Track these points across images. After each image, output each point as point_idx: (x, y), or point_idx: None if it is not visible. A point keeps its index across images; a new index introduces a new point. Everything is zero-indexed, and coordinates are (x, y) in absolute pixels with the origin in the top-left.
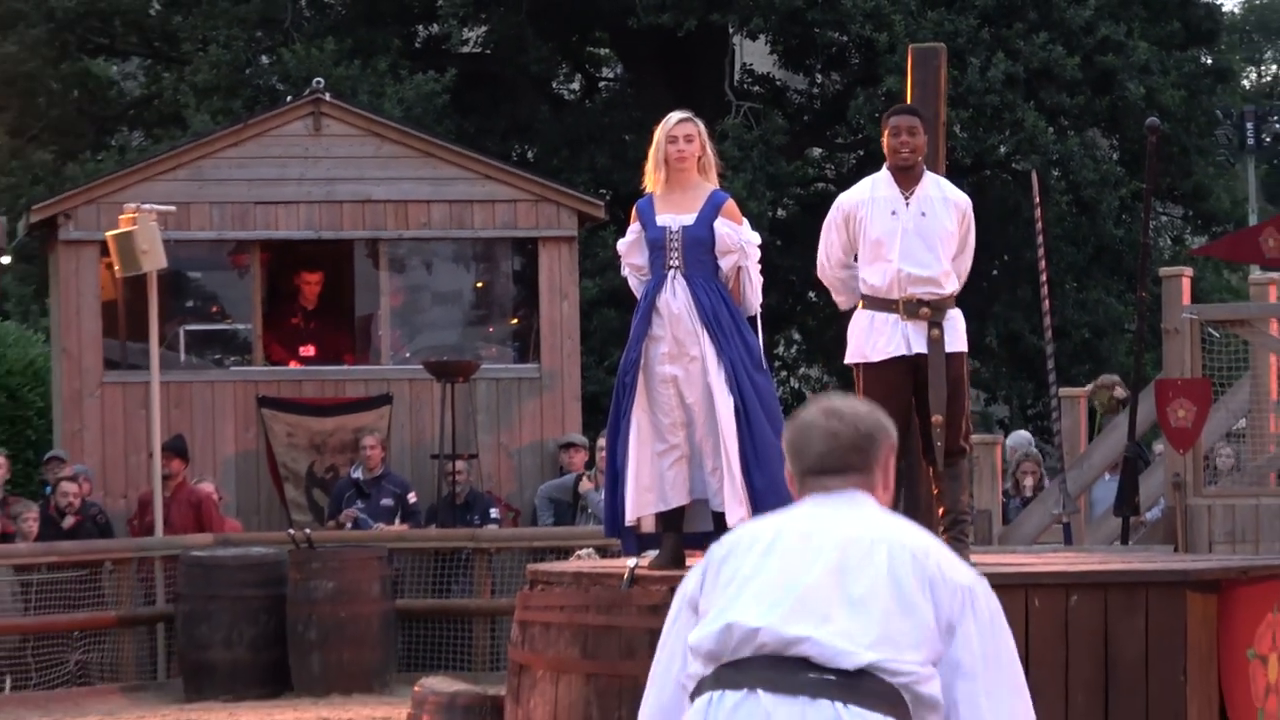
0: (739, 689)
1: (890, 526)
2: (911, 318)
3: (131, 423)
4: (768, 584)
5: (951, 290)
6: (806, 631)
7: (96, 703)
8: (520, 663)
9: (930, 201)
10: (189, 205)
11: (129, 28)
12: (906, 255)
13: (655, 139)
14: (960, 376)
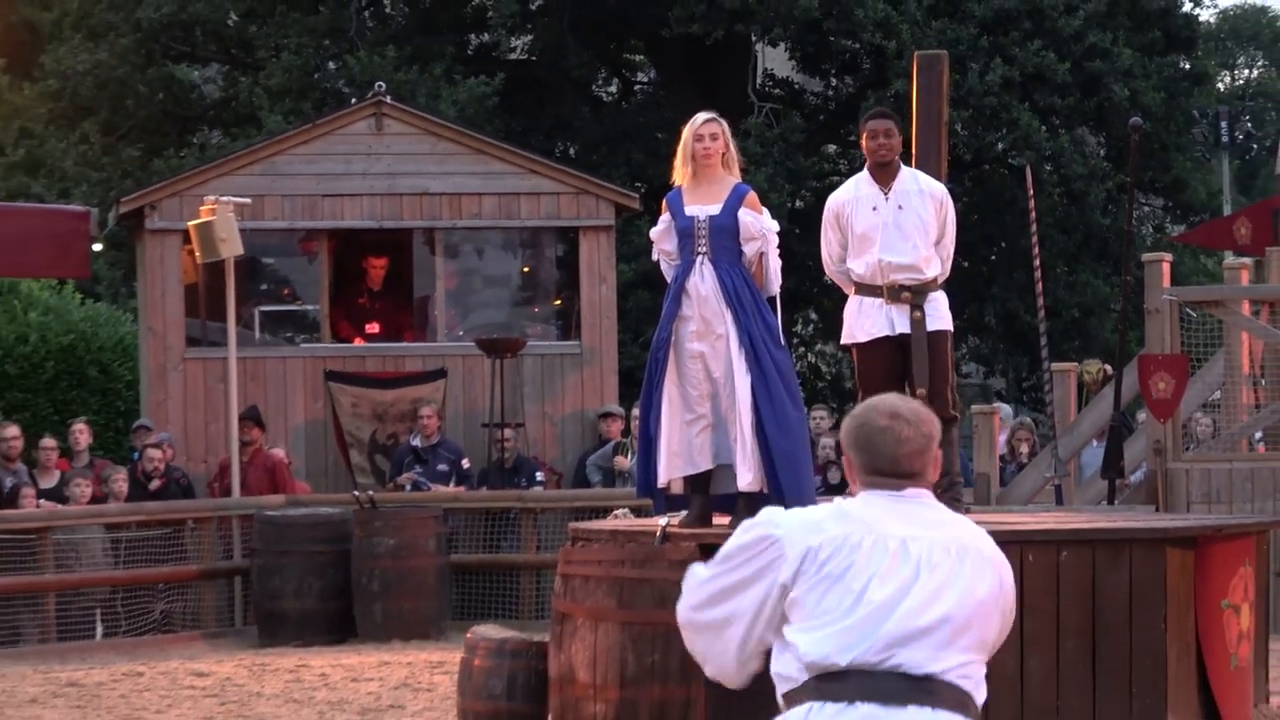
0: (838, 701)
1: (968, 535)
2: (895, 301)
3: (211, 395)
4: (872, 604)
5: (933, 274)
6: (903, 652)
7: (179, 648)
8: (562, 612)
9: (907, 195)
10: (263, 197)
11: (209, 37)
12: (887, 246)
13: (683, 137)
14: (943, 352)
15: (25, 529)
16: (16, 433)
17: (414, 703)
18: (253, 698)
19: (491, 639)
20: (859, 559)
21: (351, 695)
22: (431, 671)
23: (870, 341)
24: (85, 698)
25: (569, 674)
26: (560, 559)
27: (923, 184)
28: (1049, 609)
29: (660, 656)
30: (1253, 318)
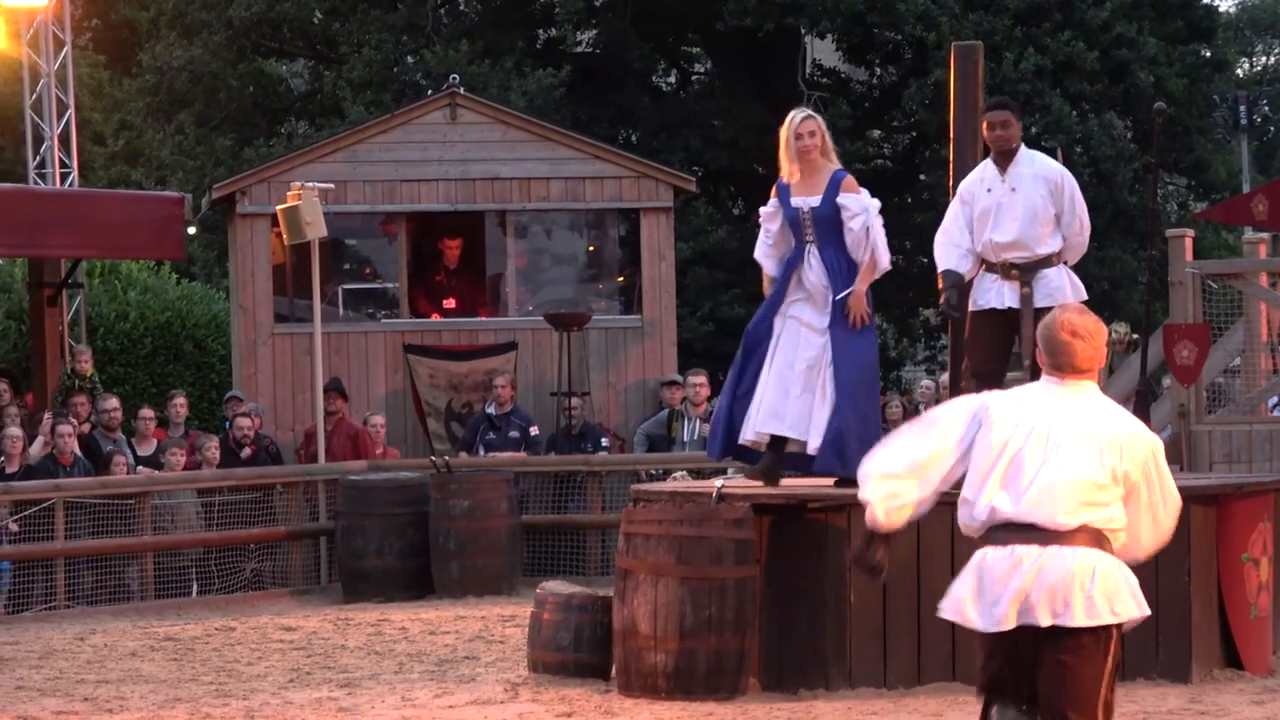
0: (1001, 546)
1: (1101, 420)
2: (1006, 278)
3: (298, 368)
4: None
5: (1047, 251)
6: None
7: (268, 604)
8: (625, 568)
9: (1021, 178)
10: (346, 183)
11: (295, 33)
12: (996, 226)
13: (783, 136)
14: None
15: (126, 494)
16: (116, 404)
17: (487, 654)
18: (337, 650)
19: (559, 594)
20: (1035, 440)
21: (429, 647)
22: (504, 625)
23: (980, 312)
24: (181, 651)
25: (631, 626)
26: (623, 519)
27: (1038, 167)
28: None
29: (716, 609)
30: (1270, 289)
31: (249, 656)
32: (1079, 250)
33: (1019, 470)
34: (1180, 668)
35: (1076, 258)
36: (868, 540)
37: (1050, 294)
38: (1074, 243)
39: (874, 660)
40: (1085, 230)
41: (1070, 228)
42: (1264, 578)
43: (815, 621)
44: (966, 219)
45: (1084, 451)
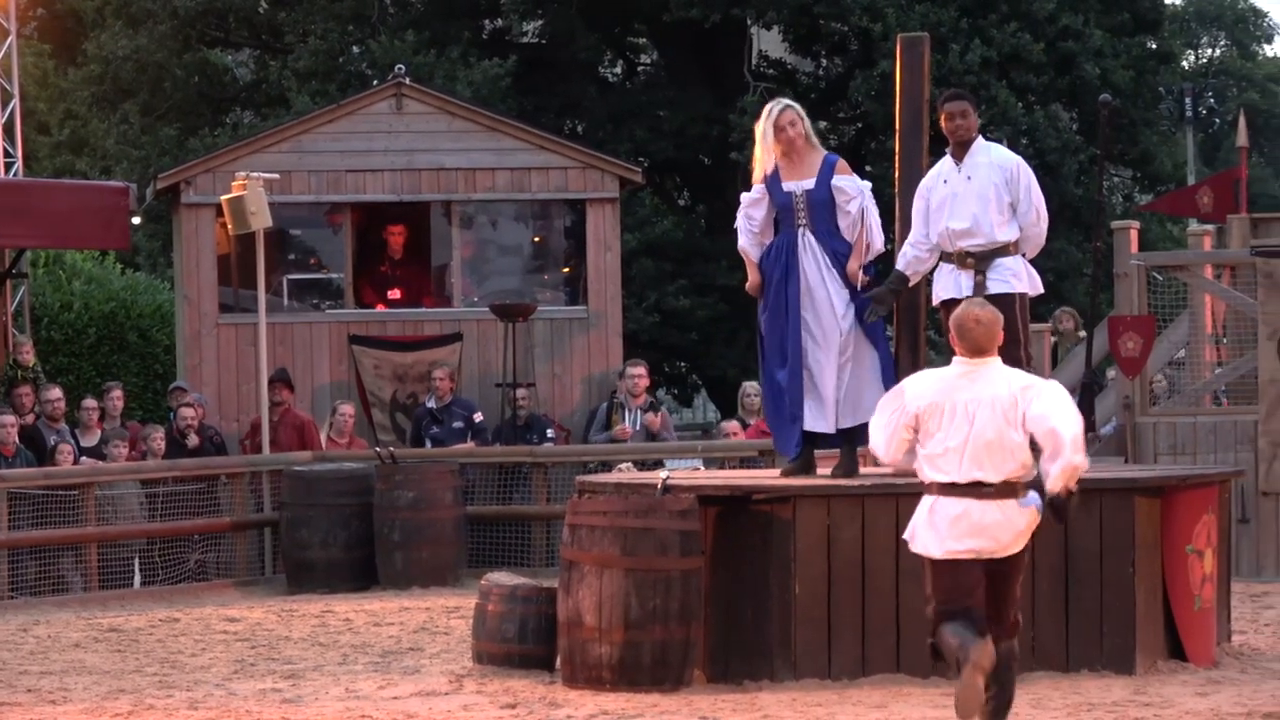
0: (951, 497)
1: (1012, 381)
2: (961, 266)
3: (242, 358)
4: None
5: (1003, 239)
6: (980, 472)
7: (213, 595)
8: (570, 560)
9: (977, 166)
10: (291, 173)
11: (241, 23)
12: (952, 214)
13: (761, 128)
14: (1005, 313)
15: (69, 484)
16: (60, 395)
17: (432, 645)
18: (281, 641)
19: (504, 585)
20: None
21: (373, 639)
22: (448, 616)
23: (942, 303)
24: (125, 642)
25: (576, 618)
26: (568, 510)
27: (994, 156)
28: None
29: (662, 600)
30: (1215, 281)
31: (193, 648)
32: (1036, 241)
33: (950, 437)
34: (1125, 659)
35: (1035, 249)
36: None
37: (1005, 280)
38: (1030, 233)
39: (819, 651)
40: (1042, 221)
41: (1026, 217)
42: (1208, 570)
43: (760, 613)
44: (923, 214)
45: (997, 420)
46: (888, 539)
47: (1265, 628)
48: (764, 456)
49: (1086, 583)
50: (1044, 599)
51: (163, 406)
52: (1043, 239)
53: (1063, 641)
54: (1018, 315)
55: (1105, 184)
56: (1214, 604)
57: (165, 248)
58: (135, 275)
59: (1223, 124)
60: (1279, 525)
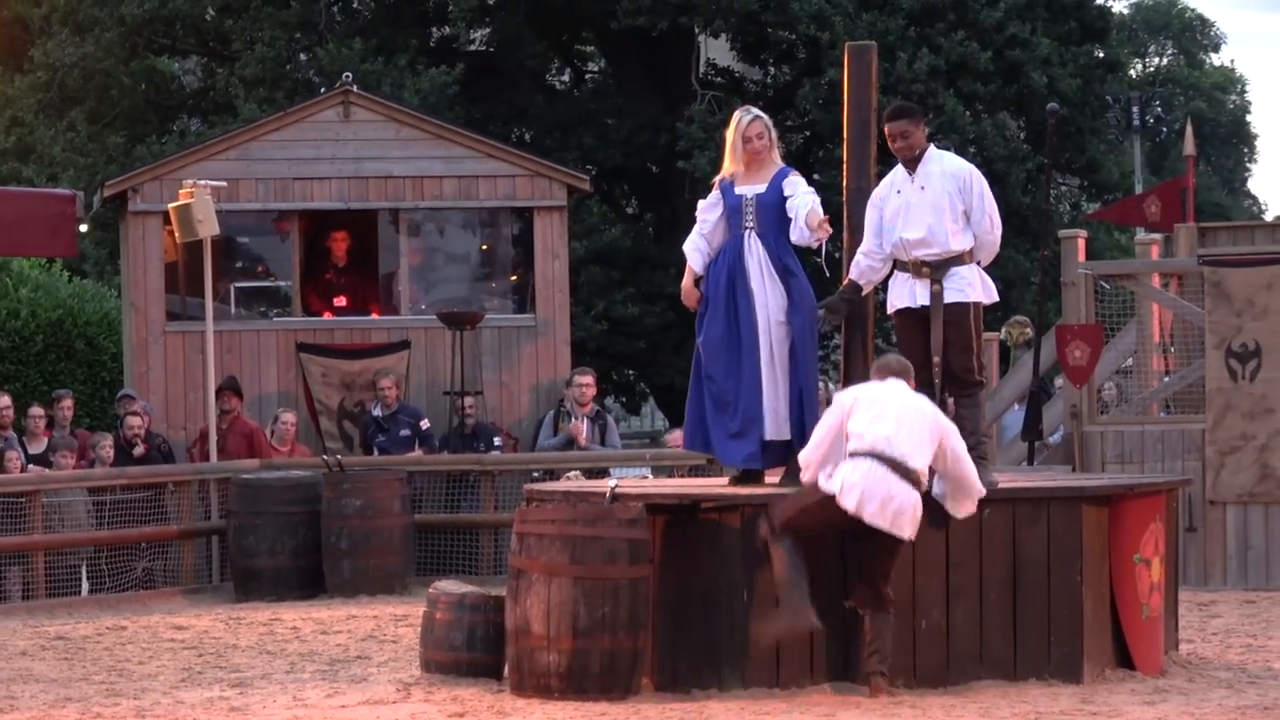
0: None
1: (919, 399)
2: (917, 276)
3: (190, 366)
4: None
5: (958, 248)
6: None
7: (160, 603)
8: (518, 568)
9: (929, 176)
10: (238, 181)
11: (188, 30)
12: (906, 224)
13: (730, 137)
14: (964, 322)
15: (16, 492)
16: (7, 402)
17: (379, 653)
18: (229, 649)
19: (452, 593)
20: (874, 410)
21: (321, 647)
22: (396, 624)
23: (897, 312)
24: (72, 650)
25: (525, 626)
26: (516, 518)
27: (947, 165)
28: (973, 563)
29: (610, 609)
30: (1163, 290)
31: (140, 656)
32: (990, 248)
33: (888, 424)
34: (1072, 668)
35: (989, 257)
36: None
37: (961, 289)
38: (985, 240)
39: (767, 660)
40: (996, 228)
41: (980, 225)
42: (1155, 578)
43: (709, 621)
44: (877, 225)
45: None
46: (835, 547)
47: (1213, 636)
48: (713, 465)
49: (1034, 591)
50: (992, 607)
51: (110, 414)
52: (997, 246)
53: (1010, 650)
54: (971, 324)
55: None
56: (1161, 613)
57: (112, 255)
58: (82, 283)
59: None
60: (1226, 534)
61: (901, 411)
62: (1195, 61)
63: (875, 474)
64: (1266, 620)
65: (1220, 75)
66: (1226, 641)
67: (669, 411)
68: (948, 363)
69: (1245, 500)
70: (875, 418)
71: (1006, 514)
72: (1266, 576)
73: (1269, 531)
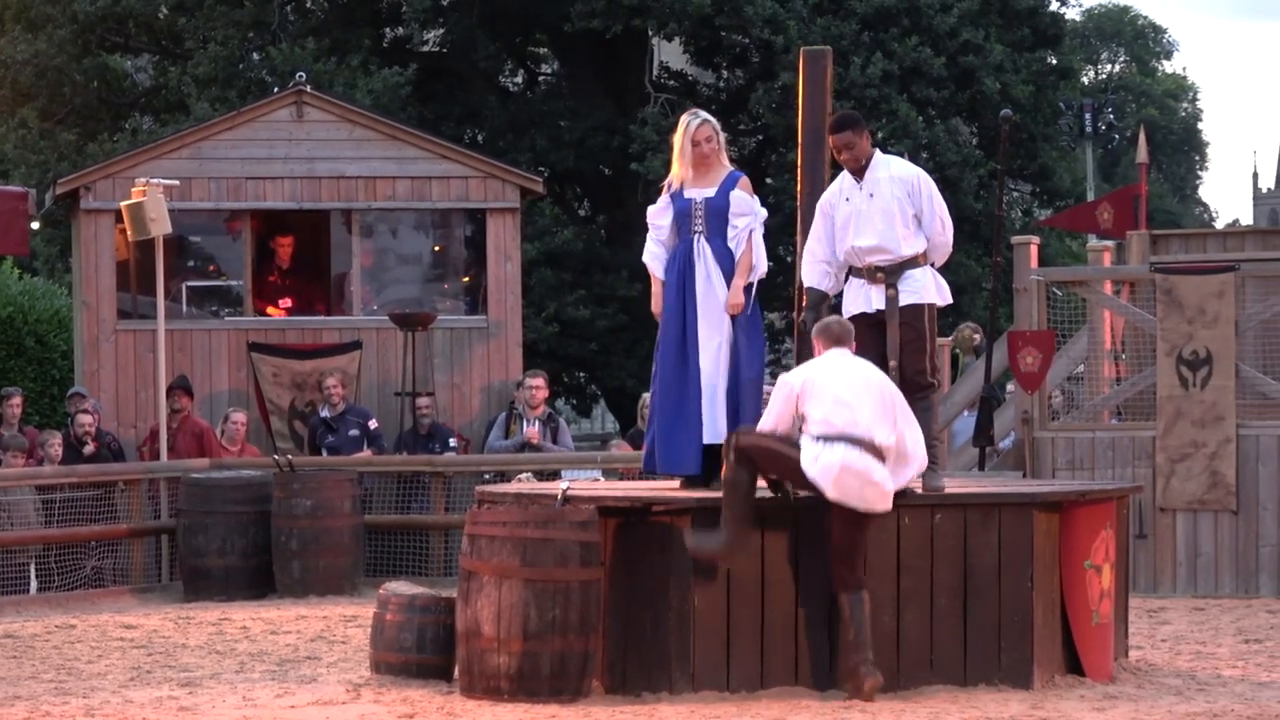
0: (832, 443)
1: (865, 368)
2: (872, 281)
3: (141, 364)
4: (845, 411)
5: (910, 252)
6: (866, 431)
7: (109, 602)
8: (469, 570)
9: (878, 182)
10: (191, 180)
11: (141, 28)
12: (858, 231)
13: (679, 141)
14: (914, 324)
15: None
16: None
17: (329, 654)
18: (178, 649)
19: (402, 595)
20: (830, 390)
21: (270, 647)
22: (346, 625)
23: (851, 318)
24: (20, 648)
25: (475, 628)
26: (467, 520)
27: (895, 170)
28: (923, 568)
29: (561, 611)
30: (1114, 297)
31: (89, 655)
32: (943, 250)
33: (830, 399)
34: (1022, 674)
35: (942, 258)
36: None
37: (916, 291)
38: (937, 242)
39: (717, 663)
40: (948, 229)
41: (931, 227)
42: (1106, 585)
43: (659, 624)
44: (828, 232)
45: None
46: (786, 552)
47: (1162, 643)
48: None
49: (984, 597)
50: (942, 614)
51: (60, 412)
52: (949, 247)
53: (960, 655)
54: (926, 325)
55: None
56: (1112, 619)
57: (64, 253)
58: (33, 280)
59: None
60: (1176, 541)
61: (859, 387)
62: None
63: (851, 457)
64: (1215, 627)
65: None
66: (1176, 648)
67: (620, 414)
68: (902, 365)
69: (1195, 507)
70: (835, 400)
71: (957, 519)
72: (1216, 583)
73: (1218, 539)
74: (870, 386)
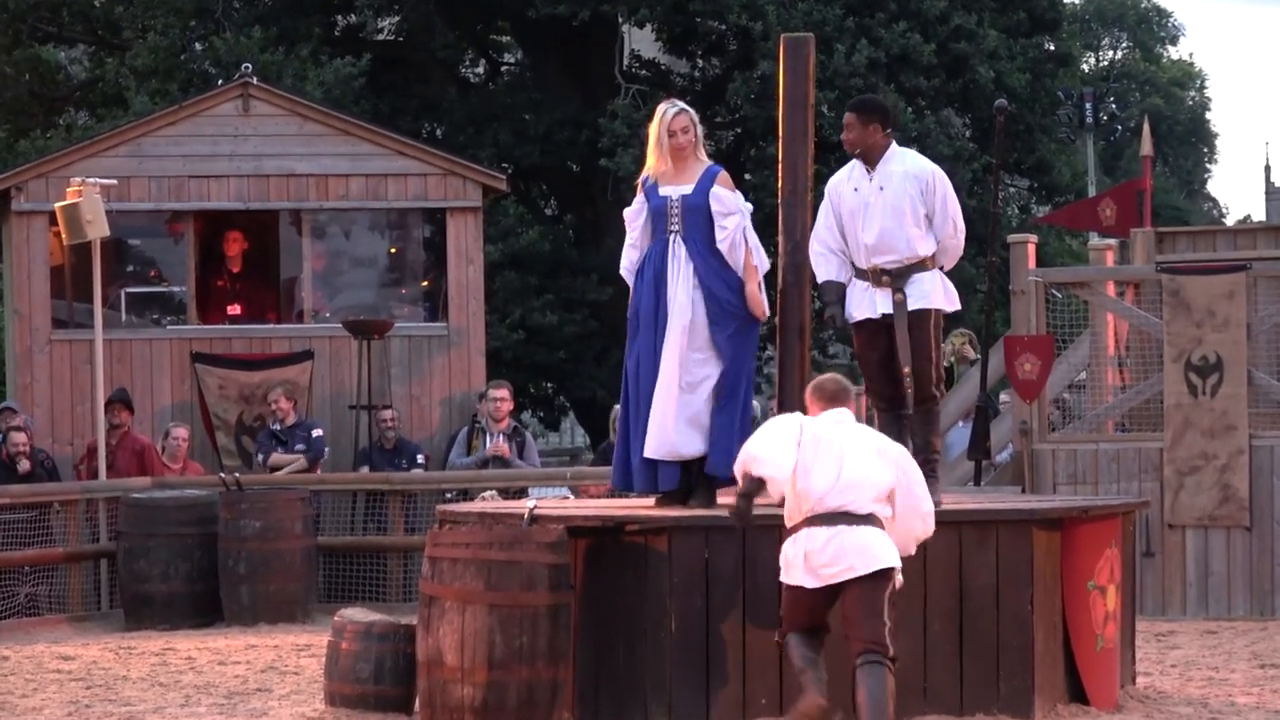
0: (818, 526)
1: (872, 433)
2: (877, 284)
3: (78, 377)
4: (833, 475)
5: (922, 254)
6: (849, 503)
7: (45, 631)
8: (430, 594)
9: (890, 176)
10: (129, 179)
11: (75, 17)
12: (866, 228)
13: (654, 131)
14: (925, 331)
15: None
16: None
17: (281, 686)
18: (119, 681)
19: (359, 622)
20: (829, 450)
21: (218, 679)
22: (298, 654)
23: (859, 323)
24: None
25: (437, 657)
26: (428, 541)
27: (909, 165)
28: (916, 590)
29: (529, 639)
30: (1118, 299)
31: (23, 688)
32: (954, 254)
33: (833, 472)
34: (1022, 702)
35: (951, 262)
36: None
37: (923, 296)
38: (947, 245)
39: (696, 693)
40: (960, 233)
41: (943, 229)
42: (1111, 607)
43: (634, 651)
44: (836, 220)
45: (873, 461)
46: (769, 572)
47: (1171, 669)
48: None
49: (982, 621)
50: (936, 639)
51: None
52: (960, 250)
53: (957, 683)
54: (930, 332)
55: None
56: (1117, 644)
57: None
58: None
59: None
60: (1186, 559)
61: (844, 459)
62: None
63: (814, 538)
64: (1229, 651)
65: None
66: (1186, 674)
67: (590, 427)
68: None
69: (1206, 523)
70: (811, 474)
71: (952, 538)
72: (1228, 605)
73: (1231, 557)
74: (867, 451)
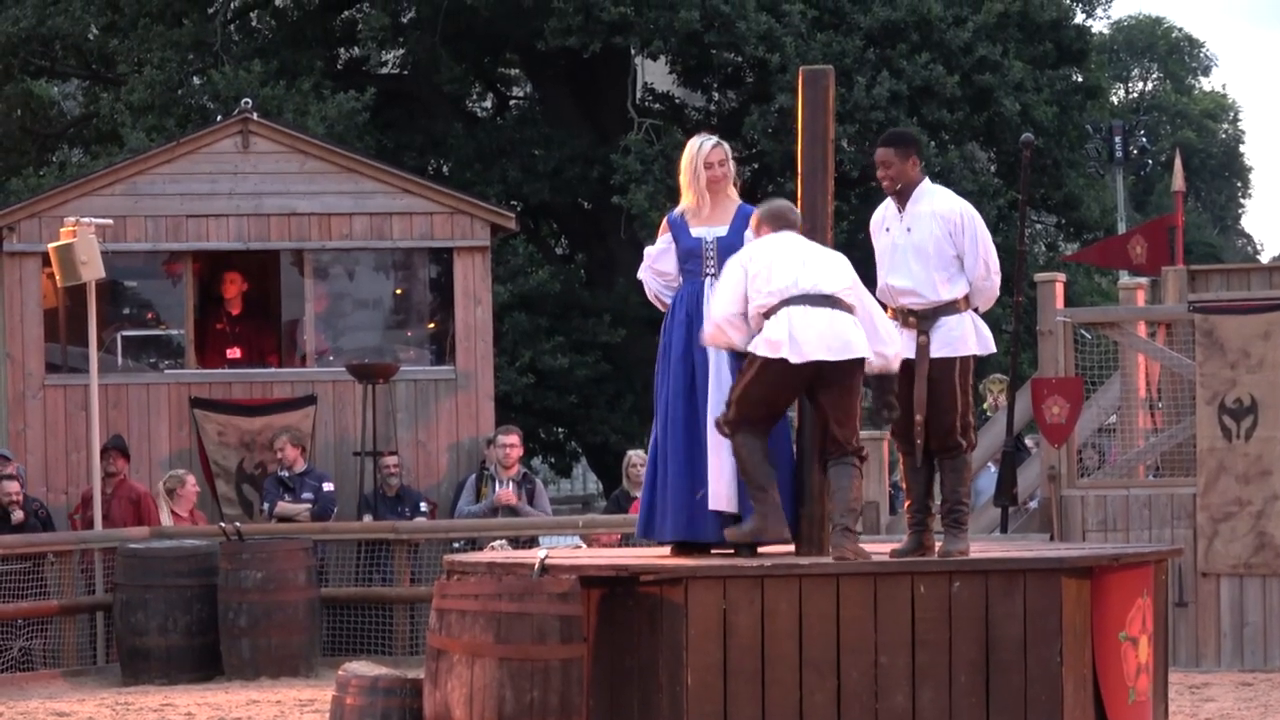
0: (797, 305)
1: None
2: (904, 325)
3: (72, 423)
4: (798, 264)
5: (950, 296)
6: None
7: (39, 686)
8: (438, 647)
9: (918, 217)
10: (125, 218)
11: (69, 51)
12: (892, 269)
13: (689, 163)
14: (948, 380)
15: None
16: None
17: None
18: None
19: (364, 676)
20: (780, 260)
21: None
22: (301, 710)
23: None
24: None
25: (445, 712)
26: (435, 592)
27: (937, 204)
28: (941, 641)
29: (540, 693)
30: (1149, 339)
31: None
32: (988, 296)
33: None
34: None
35: (987, 304)
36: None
37: (950, 342)
38: (980, 287)
39: None
40: (993, 274)
41: (974, 271)
42: (1143, 659)
43: (649, 706)
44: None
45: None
46: (789, 624)
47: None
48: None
49: (1009, 673)
50: (961, 692)
51: None
52: (995, 292)
53: None
54: (957, 381)
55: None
56: (1150, 696)
57: None
58: None
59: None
60: (1220, 609)
61: (804, 253)
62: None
63: (797, 315)
64: (1265, 704)
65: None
66: None
67: (602, 473)
68: (928, 424)
69: (1241, 572)
70: (773, 268)
71: (978, 587)
72: (1264, 656)
73: (1266, 606)
74: (826, 252)
